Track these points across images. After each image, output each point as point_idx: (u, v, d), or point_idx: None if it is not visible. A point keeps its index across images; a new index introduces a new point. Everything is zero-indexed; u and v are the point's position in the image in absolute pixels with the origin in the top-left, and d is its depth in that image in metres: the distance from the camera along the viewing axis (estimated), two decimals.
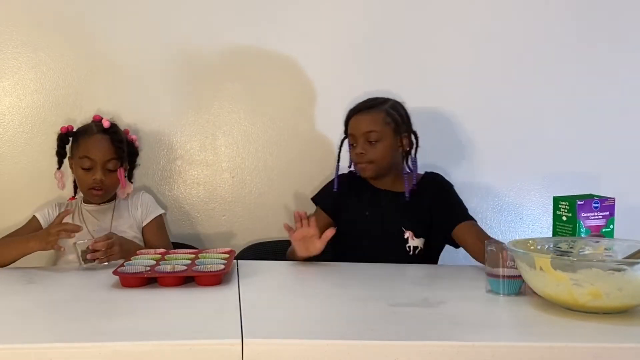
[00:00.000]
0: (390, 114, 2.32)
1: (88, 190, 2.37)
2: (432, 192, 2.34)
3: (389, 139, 2.31)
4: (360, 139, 2.31)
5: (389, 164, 2.34)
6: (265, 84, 2.70)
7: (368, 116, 2.32)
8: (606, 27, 2.75)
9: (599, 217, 1.96)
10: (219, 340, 1.43)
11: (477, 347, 1.41)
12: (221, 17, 2.66)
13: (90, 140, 2.36)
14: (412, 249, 2.29)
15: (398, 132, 2.33)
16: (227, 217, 2.68)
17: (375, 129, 2.29)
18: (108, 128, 2.39)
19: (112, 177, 2.37)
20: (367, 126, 2.30)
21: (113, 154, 2.36)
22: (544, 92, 2.75)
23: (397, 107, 2.36)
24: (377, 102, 2.35)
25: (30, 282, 1.97)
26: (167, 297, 1.78)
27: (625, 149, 2.77)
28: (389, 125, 2.31)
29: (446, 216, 2.30)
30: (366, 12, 2.70)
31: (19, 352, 1.39)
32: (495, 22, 2.73)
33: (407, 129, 2.36)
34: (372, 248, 2.29)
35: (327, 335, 1.47)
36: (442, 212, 2.31)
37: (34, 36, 2.62)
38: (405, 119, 2.37)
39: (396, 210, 2.32)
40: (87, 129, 2.41)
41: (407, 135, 2.36)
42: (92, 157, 2.34)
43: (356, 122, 2.33)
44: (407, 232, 2.30)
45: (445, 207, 2.32)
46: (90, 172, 2.34)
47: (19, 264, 2.33)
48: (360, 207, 2.36)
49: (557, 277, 1.56)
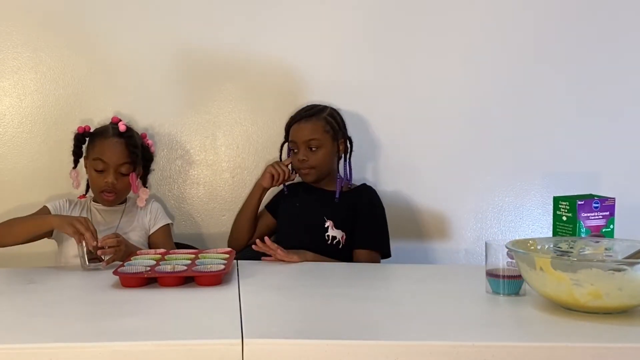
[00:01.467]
0: (329, 122, 2.49)
1: (99, 193, 2.37)
2: (361, 202, 2.47)
3: (328, 146, 2.47)
4: (302, 146, 2.46)
5: (328, 168, 2.50)
6: (266, 84, 2.70)
7: (309, 124, 2.47)
8: (606, 27, 2.75)
9: (599, 217, 1.96)
10: (219, 340, 1.43)
11: (477, 347, 1.40)
12: (221, 17, 2.66)
13: (105, 142, 2.36)
14: (330, 239, 2.41)
15: (336, 139, 2.49)
16: (227, 217, 2.68)
17: (316, 137, 2.45)
18: (124, 132, 2.39)
19: (124, 181, 2.37)
20: (309, 134, 2.45)
21: (127, 158, 2.36)
22: (544, 92, 2.75)
23: (334, 114, 2.52)
24: (316, 110, 2.50)
25: (31, 282, 1.97)
26: (167, 297, 1.78)
27: (625, 149, 2.77)
28: (328, 133, 2.47)
29: (358, 233, 2.42)
30: (366, 13, 2.70)
31: (19, 352, 1.39)
32: (496, 23, 2.73)
33: (343, 134, 2.52)
34: (297, 234, 2.41)
35: (327, 335, 1.47)
36: (359, 226, 2.43)
37: (34, 36, 2.62)
38: (341, 125, 2.53)
39: (323, 204, 2.45)
40: (104, 131, 2.41)
41: (344, 141, 2.52)
42: (106, 160, 2.34)
43: (298, 129, 2.48)
44: (328, 221, 2.41)
45: (363, 224, 2.43)
46: (103, 174, 2.34)
47: (19, 263, 2.34)
48: (294, 200, 2.51)
49: (557, 277, 1.56)
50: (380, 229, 2.47)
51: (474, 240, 2.75)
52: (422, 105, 2.72)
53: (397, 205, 2.71)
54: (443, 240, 2.76)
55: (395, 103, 2.72)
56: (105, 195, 2.36)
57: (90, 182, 2.41)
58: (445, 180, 2.74)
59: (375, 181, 2.69)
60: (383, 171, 2.73)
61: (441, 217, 2.75)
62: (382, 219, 2.48)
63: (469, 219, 2.76)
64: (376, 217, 2.47)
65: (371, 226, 2.44)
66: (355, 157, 2.58)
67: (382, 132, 2.71)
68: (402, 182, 2.73)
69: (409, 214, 2.74)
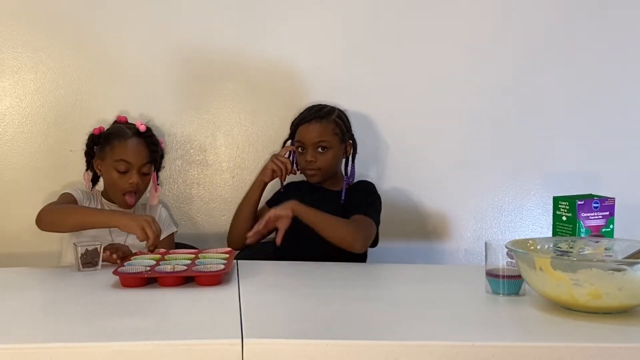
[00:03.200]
0: (338, 124, 2.49)
1: (122, 194, 2.35)
2: (357, 189, 2.48)
3: (336, 148, 2.47)
4: (310, 147, 2.45)
5: (334, 170, 2.51)
6: (266, 84, 2.70)
7: (319, 126, 2.46)
8: (606, 27, 2.75)
9: (599, 217, 1.96)
10: (219, 340, 1.43)
11: (477, 347, 1.41)
12: (221, 17, 2.66)
13: (127, 143, 2.34)
14: None
15: (343, 140, 2.50)
16: (227, 217, 2.68)
17: (326, 139, 2.45)
18: (144, 132, 2.39)
19: (146, 181, 2.37)
20: (318, 136, 2.44)
21: (149, 158, 2.36)
22: (544, 92, 2.75)
23: (342, 116, 2.52)
24: (326, 112, 2.49)
25: (31, 282, 1.97)
26: (167, 297, 1.78)
27: (625, 149, 2.77)
28: (337, 135, 2.47)
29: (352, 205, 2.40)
30: (366, 14, 2.70)
31: (19, 352, 1.39)
32: (498, 23, 2.73)
33: (350, 136, 2.53)
34: (298, 231, 2.31)
35: (327, 335, 1.47)
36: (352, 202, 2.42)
37: (34, 36, 2.62)
38: (348, 127, 2.53)
39: (325, 203, 2.39)
40: (122, 132, 2.38)
41: (351, 143, 2.53)
42: (130, 160, 2.32)
43: (307, 130, 2.46)
44: None
45: (357, 200, 2.43)
46: (126, 175, 2.32)
47: (19, 263, 2.34)
48: (295, 196, 2.41)
49: (557, 277, 1.56)
50: (373, 205, 2.42)
51: (474, 240, 2.75)
52: (422, 106, 2.72)
53: (397, 205, 2.71)
54: (443, 240, 2.76)
55: (395, 103, 2.72)
56: (128, 196, 2.34)
57: (112, 183, 2.36)
58: (445, 180, 2.74)
59: (374, 181, 2.68)
60: (383, 171, 2.73)
61: (441, 217, 2.75)
62: (377, 201, 2.45)
63: (469, 219, 2.77)
64: (370, 196, 2.45)
65: (365, 200, 2.42)
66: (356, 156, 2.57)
67: (382, 132, 2.72)
68: (402, 182, 2.73)
69: (409, 214, 2.74)
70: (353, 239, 2.28)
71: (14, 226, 2.47)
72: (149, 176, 2.39)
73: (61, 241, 2.36)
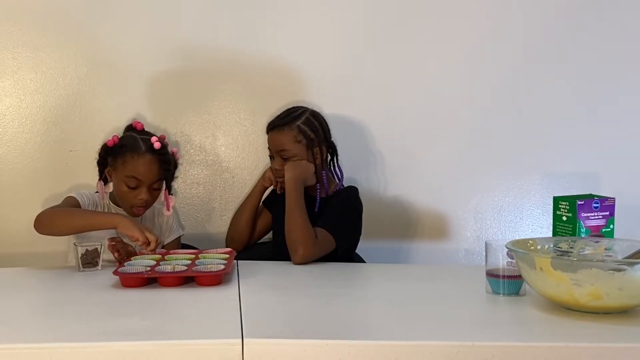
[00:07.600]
0: (302, 130, 2.38)
1: (130, 207, 2.32)
2: (336, 199, 2.39)
3: (302, 155, 2.37)
4: (276, 156, 2.41)
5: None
6: (266, 84, 2.70)
7: (279, 135, 2.39)
8: (605, 27, 2.75)
9: (599, 217, 1.96)
10: (219, 340, 1.43)
11: (477, 347, 1.41)
12: (221, 17, 2.66)
13: (140, 160, 2.28)
14: None
15: (311, 147, 2.38)
16: (227, 217, 2.68)
17: (287, 148, 2.37)
18: (158, 149, 2.31)
19: (156, 195, 2.34)
20: (279, 145, 2.39)
21: (160, 176, 2.32)
22: (544, 92, 2.75)
23: (310, 121, 2.41)
24: (290, 119, 2.40)
25: (31, 282, 1.97)
26: (167, 297, 1.78)
27: (625, 149, 2.77)
28: (300, 142, 2.37)
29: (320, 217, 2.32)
30: (366, 15, 2.70)
31: (19, 352, 1.39)
32: (496, 23, 2.73)
33: (320, 141, 2.41)
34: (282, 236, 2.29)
35: (327, 335, 1.47)
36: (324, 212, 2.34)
37: (34, 36, 2.62)
38: (318, 131, 2.41)
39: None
40: (135, 147, 2.30)
41: (319, 149, 2.40)
42: (140, 177, 2.27)
43: (270, 139, 2.43)
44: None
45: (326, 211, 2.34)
46: (136, 191, 2.29)
47: (19, 264, 2.33)
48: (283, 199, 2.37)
49: (557, 277, 1.56)
50: (341, 219, 2.34)
51: (474, 240, 2.75)
52: (422, 105, 2.72)
53: (397, 205, 2.71)
54: (443, 240, 2.76)
55: (395, 103, 2.72)
56: (136, 209, 2.32)
57: (122, 196, 2.32)
58: (445, 181, 2.74)
59: (374, 181, 2.69)
60: (383, 171, 2.73)
61: (441, 217, 2.75)
62: (349, 213, 2.37)
63: (469, 219, 2.76)
64: (343, 208, 2.36)
65: (334, 213, 2.34)
66: (355, 157, 2.58)
67: (382, 132, 2.71)
68: (402, 182, 2.73)
69: (408, 214, 2.74)
70: (299, 249, 2.19)
71: (14, 226, 2.47)
72: (158, 191, 2.35)
73: (68, 241, 2.36)
